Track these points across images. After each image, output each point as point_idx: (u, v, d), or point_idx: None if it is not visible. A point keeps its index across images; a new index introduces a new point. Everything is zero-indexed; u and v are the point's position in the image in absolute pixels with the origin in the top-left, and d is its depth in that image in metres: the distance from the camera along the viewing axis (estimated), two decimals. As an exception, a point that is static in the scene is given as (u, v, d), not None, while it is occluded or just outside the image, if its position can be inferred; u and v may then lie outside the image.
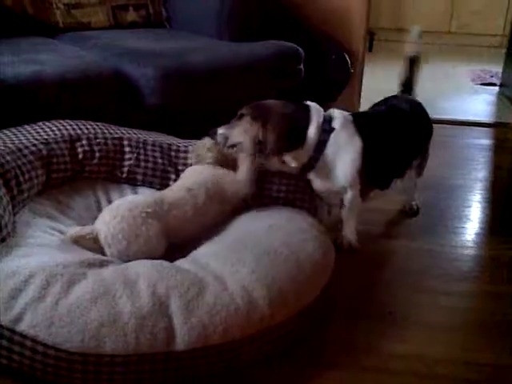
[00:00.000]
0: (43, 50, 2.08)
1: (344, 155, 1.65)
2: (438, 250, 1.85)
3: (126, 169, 1.68)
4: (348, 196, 1.72)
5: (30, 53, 2.02)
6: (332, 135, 1.64)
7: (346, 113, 1.73)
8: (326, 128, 1.64)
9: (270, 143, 1.60)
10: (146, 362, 1.13)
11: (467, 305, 1.60)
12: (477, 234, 2.00)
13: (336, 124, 1.66)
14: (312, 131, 1.63)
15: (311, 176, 1.70)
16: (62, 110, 1.85)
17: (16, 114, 1.78)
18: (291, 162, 1.65)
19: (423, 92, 2.09)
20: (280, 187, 1.66)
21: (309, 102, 1.70)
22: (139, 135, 1.72)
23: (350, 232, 1.78)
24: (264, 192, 1.65)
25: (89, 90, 1.93)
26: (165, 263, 1.30)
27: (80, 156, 1.62)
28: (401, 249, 1.83)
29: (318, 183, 1.71)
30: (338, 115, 1.69)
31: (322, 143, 1.64)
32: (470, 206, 2.20)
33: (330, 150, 1.64)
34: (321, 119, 1.65)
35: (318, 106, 1.69)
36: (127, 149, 1.67)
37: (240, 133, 1.64)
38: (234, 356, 1.22)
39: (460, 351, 1.40)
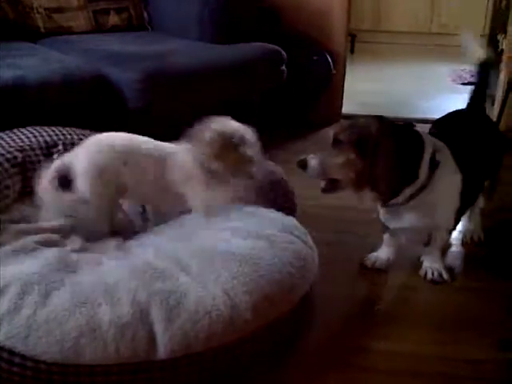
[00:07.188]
0: (25, 55, 2.05)
1: (446, 194, 1.48)
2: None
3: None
4: (442, 235, 1.60)
5: (11, 58, 2.00)
6: (438, 171, 1.44)
7: (434, 139, 1.50)
8: (433, 162, 1.43)
9: (379, 182, 1.37)
10: (127, 372, 1.11)
11: (451, 300, 1.61)
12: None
13: (441, 157, 1.45)
14: (425, 168, 1.42)
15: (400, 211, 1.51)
16: (44, 114, 1.83)
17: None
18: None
19: (404, 92, 2.10)
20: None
21: (417, 128, 1.46)
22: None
23: (437, 262, 1.65)
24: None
25: (71, 94, 1.92)
26: (145, 266, 1.26)
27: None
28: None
29: (405, 220, 1.52)
30: (440, 145, 1.48)
31: (427, 179, 1.44)
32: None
33: (433, 187, 1.44)
34: (431, 150, 1.42)
35: (426, 133, 1.47)
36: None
37: (340, 167, 1.40)
38: (217, 363, 1.19)
39: (445, 347, 1.41)
